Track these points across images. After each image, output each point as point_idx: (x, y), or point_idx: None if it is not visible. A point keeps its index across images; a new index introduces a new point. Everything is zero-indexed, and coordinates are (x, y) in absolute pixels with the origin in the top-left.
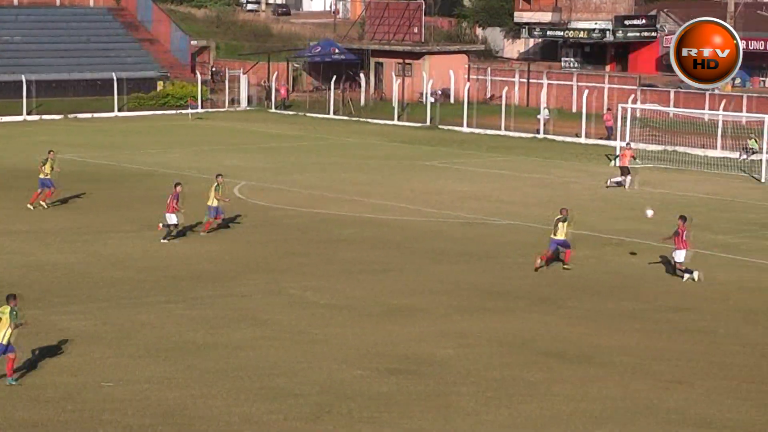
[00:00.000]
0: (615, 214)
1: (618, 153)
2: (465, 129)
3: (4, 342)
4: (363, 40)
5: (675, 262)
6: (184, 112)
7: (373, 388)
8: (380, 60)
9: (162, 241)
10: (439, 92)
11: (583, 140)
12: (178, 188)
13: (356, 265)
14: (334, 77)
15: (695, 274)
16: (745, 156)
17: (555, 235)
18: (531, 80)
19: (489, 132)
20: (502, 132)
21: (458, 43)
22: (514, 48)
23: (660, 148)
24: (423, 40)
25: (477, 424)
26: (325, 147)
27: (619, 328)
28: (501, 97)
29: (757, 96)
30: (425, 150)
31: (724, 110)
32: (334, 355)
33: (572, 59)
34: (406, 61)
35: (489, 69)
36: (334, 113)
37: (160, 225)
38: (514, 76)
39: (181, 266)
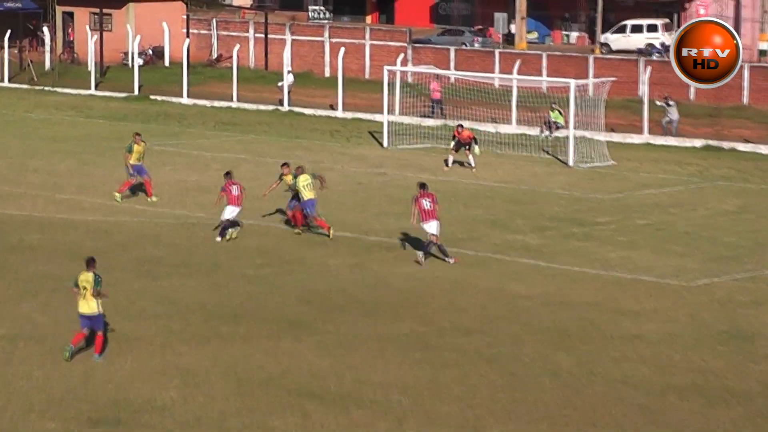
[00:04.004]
0: (383, 208)
1: (453, 140)
2: (185, 100)
3: (94, 312)
4: None
5: (430, 236)
6: None
7: None
8: (69, 9)
9: None
10: (150, 51)
11: (340, 113)
12: None
13: (45, 281)
14: (8, 32)
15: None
16: (547, 132)
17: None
18: (270, 36)
19: (217, 104)
20: (235, 104)
21: None
22: None
23: (439, 123)
24: None
25: None
26: None
27: (392, 359)
28: (231, 58)
29: (559, 54)
30: (133, 128)
31: (518, 74)
32: (17, 402)
33: (322, 8)
34: (104, 10)
35: (214, 21)
36: (10, 80)
37: None
38: (247, 31)
39: None
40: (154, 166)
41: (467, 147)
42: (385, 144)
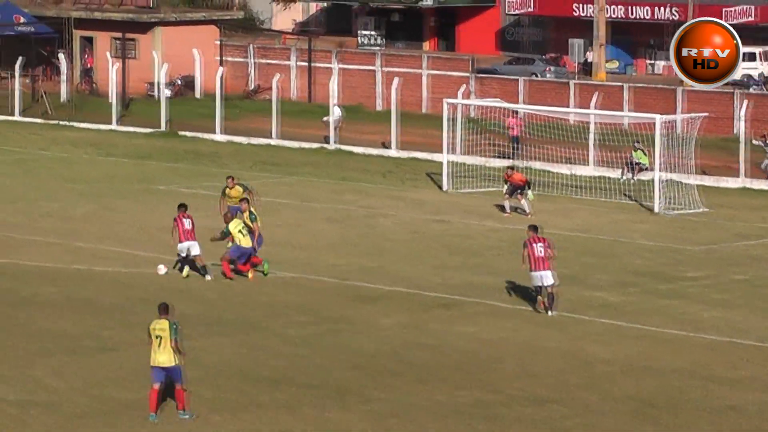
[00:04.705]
0: (443, 260)
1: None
2: (218, 136)
3: (172, 364)
4: (62, 5)
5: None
6: None
7: None
8: (88, 33)
9: None
10: (179, 81)
11: (394, 152)
12: None
13: (59, 340)
14: (20, 60)
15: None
16: (629, 175)
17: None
18: (314, 64)
19: (255, 141)
20: (275, 141)
21: (205, 9)
22: (287, 16)
23: (505, 163)
24: (152, 4)
25: None
26: (7, 164)
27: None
28: (270, 89)
29: (643, 86)
30: (160, 168)
31: (597, 108)
32: None
33: (373, 33)
34: (128, 35)
35: (252, 47)
36: (22, 114)
37: None
38: (289, 59)
39: None
40: None
41: (520, 191)
42: (445, 187)
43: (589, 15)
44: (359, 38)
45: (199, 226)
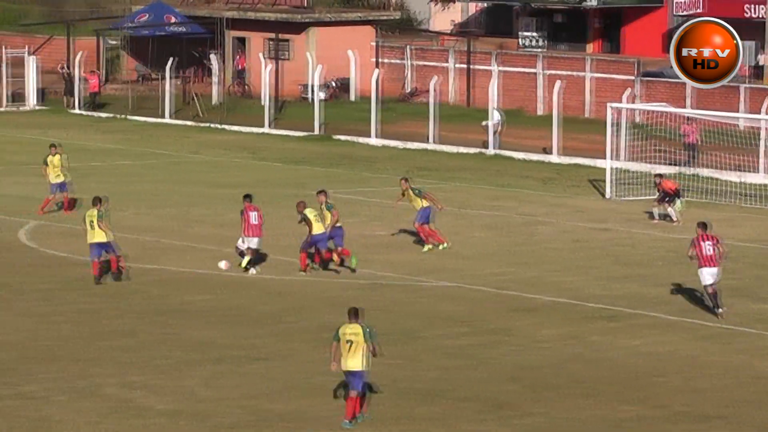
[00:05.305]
0: (606, 270)
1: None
2: (374, 140)
3: (360, 369)
4: (214, 4)
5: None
6: None
7: None
8: (242, 34)
9: None
10: (334, 84)
11: (555, 158)
12: None
13: (210, 350)
14: (172, 60)
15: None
16: None
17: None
18: (473, 66)
19: (411, 145)
20: (432, 145)
21: (361, 9)
22: (446, 16)
23: (672, 170)
24: (307, 4)
25: None
26: (158, 168)
27: None
28: (427, 91)
29: None
30: (314, 172)
31: None
32: None
33: (535, 35)
34: (282, 36)
35: (409, 49)
36: (173, 116)
37: None
38: (447, 61)
39: None
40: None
41: (669, 199)
42: (608, 194)
43: (761, 16)
44: (520, 40)
45: (352, 234)
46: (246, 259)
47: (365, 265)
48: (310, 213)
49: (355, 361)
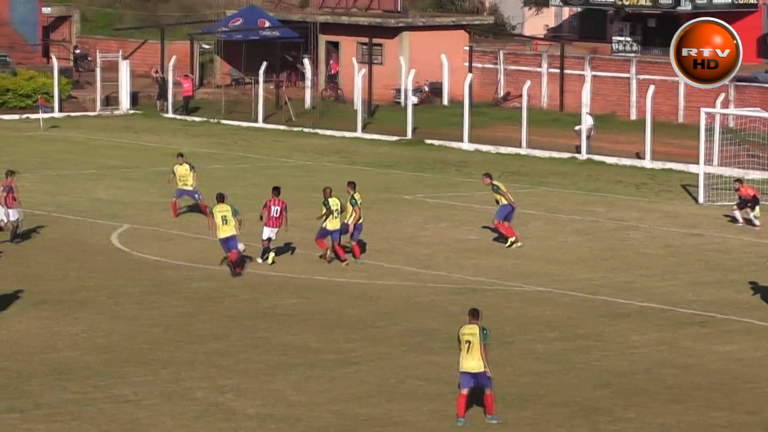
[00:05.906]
0: (698, 276)
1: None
2: (466, 145)
3: (480, 369)
4: (307, 9)
5: None
6: (32, 116)
7: None
8: (334, 38)
9: None
10: (426, 88)
11: (648, 163)
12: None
13: (300, 354)
14: (264, 65)
15: None
16: None
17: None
18: (566, 71)
19: (503, 150)
20: (524, 150)
21: (454, 14)
22: (538, 21)
23: (766, 176)
24: (400, 8)
25: None
26: (251, 171)
27: None
28: (520, 96)
29: None
30: (405, 177)
31: None
32: None
33: (629, 39)
34: (374, 40)
35: (501, 53)
36: (265, 120)
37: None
38: (539, 65)
39: (24, 352)
40: (430, 221)
41: (750, 205)
42: (701, 200)
43: None
44: (613, 44)
45: (443, 238)
46: (271, 255)
47: (456, 269)
48: (333, 204)
49: (472, 362)
